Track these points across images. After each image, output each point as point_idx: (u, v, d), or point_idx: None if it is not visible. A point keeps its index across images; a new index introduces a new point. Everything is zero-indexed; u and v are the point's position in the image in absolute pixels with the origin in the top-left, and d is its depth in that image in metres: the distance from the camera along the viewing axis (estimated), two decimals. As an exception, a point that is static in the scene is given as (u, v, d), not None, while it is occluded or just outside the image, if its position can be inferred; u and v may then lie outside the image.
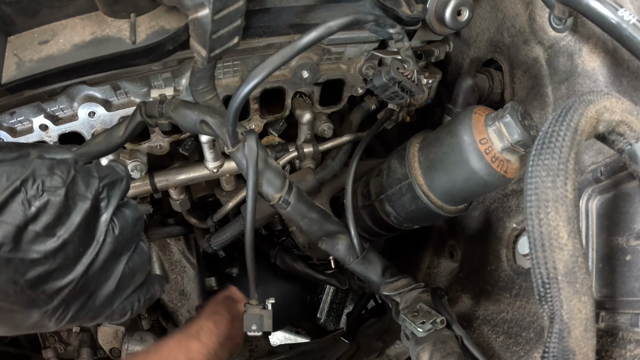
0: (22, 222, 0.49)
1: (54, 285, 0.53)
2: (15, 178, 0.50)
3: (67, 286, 0.54)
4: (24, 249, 0.50)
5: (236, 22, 0.64)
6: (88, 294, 0.57)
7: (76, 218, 0.53)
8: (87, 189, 0.55)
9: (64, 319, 0.56)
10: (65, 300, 0.54)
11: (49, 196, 0.51)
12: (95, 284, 0.57)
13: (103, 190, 0.57)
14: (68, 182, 0.53)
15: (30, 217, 0.50)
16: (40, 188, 0.51)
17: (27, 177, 0.51)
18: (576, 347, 0.50)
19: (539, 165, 0.53)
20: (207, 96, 0.77)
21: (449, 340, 0.76)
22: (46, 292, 0.53)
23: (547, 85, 0.85)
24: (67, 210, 0.53)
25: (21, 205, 0.49)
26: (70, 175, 0.54)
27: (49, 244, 0.51)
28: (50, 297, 0.53)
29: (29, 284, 0.51)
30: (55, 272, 0.52)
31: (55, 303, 0.54)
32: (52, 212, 0.51)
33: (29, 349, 1.39)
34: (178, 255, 1.37)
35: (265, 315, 0.83)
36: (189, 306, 1.40)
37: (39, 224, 0.50)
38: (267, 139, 1.12)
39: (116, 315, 0.63)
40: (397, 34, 0.75)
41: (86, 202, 0.54)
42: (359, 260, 0.89)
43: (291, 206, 0.81)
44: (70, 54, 0.68)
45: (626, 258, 0.66)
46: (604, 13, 0.61)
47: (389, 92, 0.83)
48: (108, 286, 0.59)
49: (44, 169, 0.52)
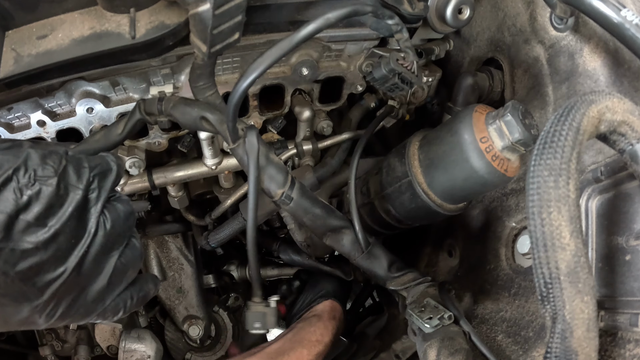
0: (14, 211, 0.49)
1: (45, 277, 0.52)
2: (7, 167, 0.49)
3: (58, 279, 0.53)
4: (15, 239, 0.49)
5: (237, 17, 0.64)
6: (79, 289, 0.56)
7: (68, 208, 0.53)
8: (78, 179, 0.55)
9: (55, 314, 0.56)
10: (56, 294, 0.54)
11: (40, 185, 0.51)
12: (86, 278, 0.57)
13: (94, 181, 0.57)
14: (60, 172, 0.53)
15: (22, 205, 0.49)
16: (32, 177, 0.51)
17: (19, 166, 0.50)
18: (578, 347, 0.50)
19: (541, 164, 0.52)
20: (207, 93, 0.77)
21: (457, 336, 0.76)
22: (37, 284, 0.52)
23: (548, 85, 0.84)
24: (59, 200, 0.52)
25: (13, 193, 0.49)
26: (62, 165, 0.54)
27: (40, 234, 0.50)
28: (41, 291, 0.52)
29: (19, 276, 0.50)
30: (47, 264, 0.52)
31: (46, 297, 0.53)
32: (43, 202, 0.51)
33: (26, 347, 1.39)
34: (176, 252, 1.37)
35: (269, 313, 0.82)
36: (186, 304, 1.39)
37: (30, 213, 0.50)
38: (266, 136, 1.12)
39: (108, 313, 0.62)
40: (396, 25, 0.74)
41: (77, 192, 0.54)
42: (364, 255, 0.88)
43: (294, 202, 0.80)
44: (68, 49, 0.67)
45: (626, 258, 0.66)
46: (606, 13, 0.61)
47: (388, 84, 0.83)
48: (100, 281, 0.58)
49: (36, 159, 0.52)
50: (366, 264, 0.90)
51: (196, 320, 1.40)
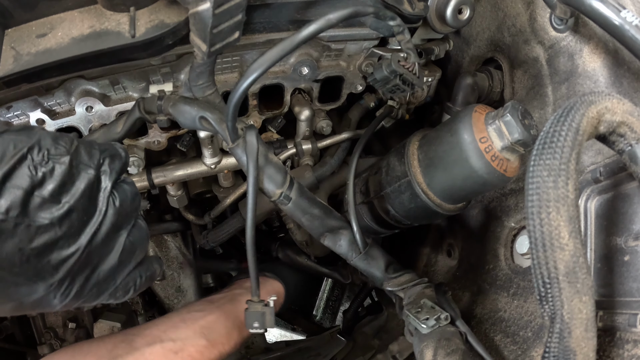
0: (29, 187, 0.51)
1: (59, 254, 0.53)
2: (22, 146, 0.51)
3: (71, 256, 0.54)
4: (31, 215, 0.51)
5: (237, 16, 0.64)
6: (92, 267, 0.58)
7: (80, 186, 0.55)
8: (89, 159, 0.57)
9: (69, 294, 0.57)
10: (70, 272, 0.55)
11: (54, 163, 0.53)
12: (98, 256, 0.58)
13: (104, 162, 0.59)
14: (72, 152, 0.55)
15: (37, 182, 0.51)
16: (46, 155, 0.53)
17: (33, 145, 0.52)
18: (577, 347, 0.51)
19: (540, 165, 0.53)
20: (207, 92, 0.77)
21: (453, 337, 0.76)
22: (51, 262, 0.53)
23: (547, 85, 0.85)
24: (71, 178, 0.54)
25: (28, 170, 0.51)
26: (74, 145, 0.56)
27: (54, 210, 0.52)
28: (55, 268, 0.54)
29: (35, 252, 0.52)
30: (61, 241, 0.53)
31: (61, 275, 0.54)
32: (57, 179, 0.53)
33: (24, 345, 1.38)
34: (175, 251, 1.37)
35: (267, 312, 0.82)
36: (185, 303, 1.39)
37: (45, 190, 0.52)
38: (265, 136, 1.12)
39: (120, 292, 0.64)
40: (397, 26, 0.74)
41: (89, 171, 0.56)
42: (361, 255, 0.88)
43: (292, 202, 0.81)
44: (68, 48, 0.67)
45: (624, 258, 0.66)
46: (606, 14, 0.61)
47: (390, 86, 0.83)
48: (110, 259, 0.60)
49: (48, 139, 0.54)
50: (363, 265, 0.90)
51: (195, 320, 1.40)
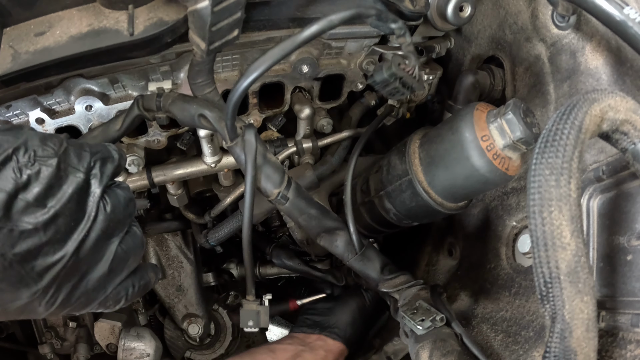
0: (13, 190, 0.48)
1: (44, 261, 0.51)
2: (7, 146, 0.49)
3: (57, 263, 0.52)
4: (14, 219, 0.49)
5: (236, 14, 0.63)
6: (80, 275, 0.56)
7: (68, 190, 0.52)
8: (79, 162, 0.55)
9: (55, 302, 0.55)
10: (56, 279, 0.53)
11: (40, 165, 0.50)
12: (87, 264, 0.56)
13: (95, 165, 0.56)
14: (60, 153, 0.52)
15: (21, 185, 0.49)
16: (32, 157, 0.50)
17: (19, 146, 0.50)
18: (578, 347, 0.50)
19: (542, 163, 0.52)
20: (206, 90, 0.76)
21: (449, 338, 0.76)
22: (35, 268, 0.51)
23: (549, 83, 0.84)
24: (58, 181, 0.52)
25: (12, 172, 0.48)
26: (62, 147, 0.53)
27: (39, 215, 0.50)
28: (40, 275, 0.52)
29: (17, 258, 0.49)
30: (46, 247, 0.51)
31: (45, 282, 0.52)
32: (43, 182, 0.50)
33: (25, 345, 1.38)
34: (175, 250, 1.37)
35: (262, 312, 0.82)
36: (186, 302, 1.39)
37: (30, 193, 0.49)
38: (265, 134, 1.12)
39: (110, 302, 0.62)
40: (399, 29, 0.74)
41: (78, 174, 0.54)
42: (357, 256, 0.88)
43: (290, 202, 0.80)
44: (67, 46, 0.67)
45: (627, 258, 0.65)
46: (609, 11, 0.60)
47: (389, 88, 0.82)
48: (100, 268, 0.57)
49: (36, 140, 0.52)
50: (359, 266, 0.89)
51: (195, 319, 1.40)
